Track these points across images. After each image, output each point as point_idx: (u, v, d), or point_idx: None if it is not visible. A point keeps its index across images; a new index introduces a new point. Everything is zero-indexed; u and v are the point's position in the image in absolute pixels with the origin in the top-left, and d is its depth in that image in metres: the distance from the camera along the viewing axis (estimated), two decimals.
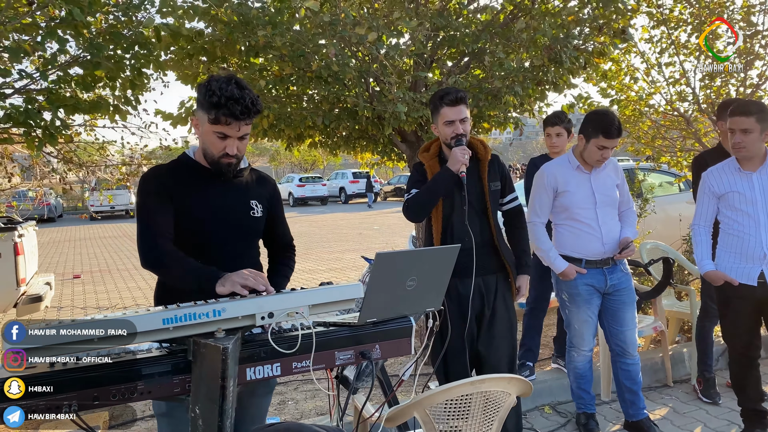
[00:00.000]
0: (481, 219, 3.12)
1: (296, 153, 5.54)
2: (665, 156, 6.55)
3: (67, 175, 4.72)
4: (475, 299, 3.10)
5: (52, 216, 25.22)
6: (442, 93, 3.08)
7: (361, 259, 11.44)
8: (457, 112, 3.03)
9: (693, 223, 3.49)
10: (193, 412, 1.71)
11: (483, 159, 3.16)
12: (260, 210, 2.27)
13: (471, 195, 3.07)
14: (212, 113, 2.02)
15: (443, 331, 2.95)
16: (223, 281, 1.92)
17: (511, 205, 3.28)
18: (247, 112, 2.02)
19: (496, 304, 3.14)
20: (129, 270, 11.43)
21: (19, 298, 5.73)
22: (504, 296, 3.17)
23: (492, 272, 3.15)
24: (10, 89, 3.52)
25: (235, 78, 2.05)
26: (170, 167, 2.21)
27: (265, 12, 4.02)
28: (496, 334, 3.14)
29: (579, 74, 4.40)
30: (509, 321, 3.18)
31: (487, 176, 3.12)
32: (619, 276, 3.47)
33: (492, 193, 3.13)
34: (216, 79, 2.04)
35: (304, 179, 32.09)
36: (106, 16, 3.84)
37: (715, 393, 4.05)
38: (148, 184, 2.15)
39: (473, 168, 3.12)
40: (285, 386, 4.38)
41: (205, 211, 2.15)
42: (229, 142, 2.07)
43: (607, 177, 3.45)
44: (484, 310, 3.14)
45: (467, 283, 3.07)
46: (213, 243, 2.15)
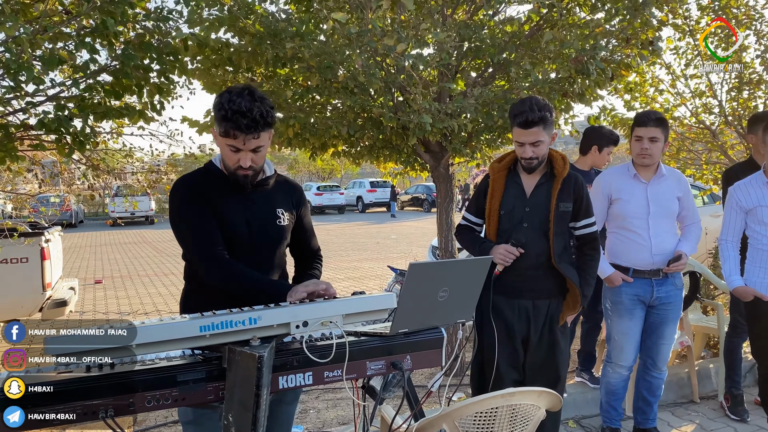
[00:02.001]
0: (540, 237, 2.86)
1: (319, 162, 5.57)
2: (690, 169, 6.47)
3: (94, 182, 4.78)
4: (521, 323, 2.91)
5: (74, 221, 25.56)
6: (516, 111, 2.78)
7: (380, 268, 11.47)
8: (529, 135, 2.76)
9: (720, 238, 3.45)
10: (226, 420, 1.71)
11: (558, 175, 2.87)
12: (286, 218, 2.26)
13: (534, 213, 2.87)
14: (222, 126, 2.00)
15: (489, 353, 2.88)
16: (291, 294, 1.94)
17: (584, 231, 2.98)
18: (254, 126, 1.98)
19: (544, 330, 2.92)
20: (149, 276, 11.53)
21: (45, 302, 5.81)
22: (553, 323, 2.93)
23: (545, 297, 2.91)
24: (42, 97, 3.58)
25: (249, 89, 2.01)
26: (200, 175, 2.21)
27: (292, 23, 4.06)
28: (539, 361, 2.94)
29: (606, 86, 4.37)
30: (555, 349, 2.95)
31: (557, 194, 2.84)
32: (667, 289, 3.37)
33: (559, 214, 2.85)
34: (229, 90, 2.01)
35: (321, 188, 32.19)
36: (135, 26, 3.91)
37: (743, 410, 3.98)
38: (187, 192, 2.14)
39: (545, 183, 2.89)
40: (307, 395, 4.38)
41: (233, 220, 2.15)
42: (241, 155, 2.05)
43: (666, 188, 3.36)
44: (530, 335, 2.92)
45: (514, 305, 2.90)
46: (240, 252, 2.15)
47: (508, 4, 4.56)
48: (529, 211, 2.88)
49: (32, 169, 4.54)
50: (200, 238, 2.09)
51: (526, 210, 2.88)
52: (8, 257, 5.53)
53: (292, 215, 2.30)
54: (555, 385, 2.92)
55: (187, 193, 2.14)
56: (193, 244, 2.10)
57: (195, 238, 2.10)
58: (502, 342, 2.88)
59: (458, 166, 5.34)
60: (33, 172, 4.60)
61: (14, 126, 3.61)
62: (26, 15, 3.74)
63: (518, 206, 2.90)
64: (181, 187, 2.16)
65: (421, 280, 1.90)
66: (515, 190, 2.93)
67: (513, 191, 2.93)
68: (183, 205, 2.13)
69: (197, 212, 2.10)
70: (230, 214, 2.15)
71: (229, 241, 2.14)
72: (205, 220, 2.09)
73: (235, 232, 2.15)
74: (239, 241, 2.16)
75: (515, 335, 2.91)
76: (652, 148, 3.24)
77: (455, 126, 3.97)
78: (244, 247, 2.16)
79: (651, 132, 3.23)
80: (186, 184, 2.17)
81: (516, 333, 2.91)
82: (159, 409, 1.71)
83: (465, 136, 4.39)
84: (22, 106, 3.61)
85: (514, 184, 2.94)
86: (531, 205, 2.89)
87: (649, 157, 3.27)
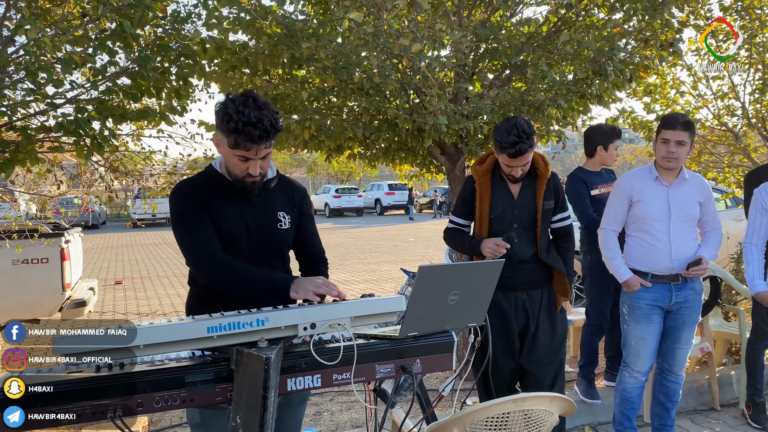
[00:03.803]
0: (528, 234, 3.08)
1: (335, 164, 5.58)
2: (712, 172, 6.36)
3: (113, 183, 4.83)
4: (519, 314, 3.08)
5: (95, 223, 25.92)
6: (505, 142, 2.87)
7: (396, 271, 11.44)
8: (520, 161, 2.94)
9: (744, 241, 3.38)
10: (234, 422, 1.71)
11: (542, 176, 3.09)
12: (288, 222, 2.25)
13: (522, 213, 3.07)
14: (231, 138, 1.98)
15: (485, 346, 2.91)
16: (296, 287, 1.94)
17: (560, 224, 3.22)
18: (266, 135, 1.98)
19: (540, 318, 3.11)
20: (169, 277, 11.64)
21: (65, 302, 5.88)
22: (549, 310, 3.13)
23: (538, 287, 3.12)
24: (61, 99, 3.63)
25: (252, 96, 1.99)
26: (200, 179, 2.20)
27: (309, 24, 4.06)
28: (540, 348, 3.10)
29: (624, 87, 4.31)
30: (554, 335, 3.14)
31: (543, 195, 3.06)
32: (686, 294, 3.29)
33: (544, 212, 3.08)
34: (233, 100, 1.98)
35: (340, 190, 32.30)
36: (154, 29, 3.94)
37: (765, 418, 3.89)
38: (185, 197, 2.14)
39: (529, 185, 3.08)
40: (321, 397, 4.38)
41: (235, 225, 2.14)
42: (251, 164, 2.04)
43: (688, 192, 3.27)
44: (528, 325, 3.11)
45: (510, 298, 3.06)
46: (242, 256, 2.14)
47: (526, 5, 4.53)
48: (517, 213, 3.08)
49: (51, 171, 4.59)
50: (193, 241, 2.09)
51: (515, 213, 3.08)
52: (29, 257, 5.61)
53: (294, 218, 2.29)
54: (557, 369, 3.14)
55: (184, 197, 2.13)
56: (188, 248, 2.10)
57: (188, 242, 2.10)
58: (497, 333, 3.01)
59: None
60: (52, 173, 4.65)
61: (34, 128, 3.65)
62: (47, 19, 3.80)
63: (507, 209, 3.08)
64: (178, 191, 2.16)
65: (431, 282, 1.88)
66: (503, 193, 3.11)
67: (500, 194, 3.11)
68: (179, 209, 2.13)
69: (195, 216, 2.10)
70: (229, 219, 2.13)
71: (229, 246, 2.13)
72: (200, 225, 2.09)
73: (234, 237, 2.14)
74: (239, 247, 2.14)
75: (512, 326, 3.09)
76: (678, 151, 3.17)
77: (471, 127, 3.94)
78: (244, 252, 2.15)
79: (678, 135, 3.14)
80: (184, 188, 2.17)
81: (513, 324, 3.09)
82: (167, 410, 1.71)
83: (481, 138, 4.35)
84: (41, 109, 3.66)
85: (500, 188, 3.11)
86: (519, 208, 3.08)
87: (674, 161, 3.19)
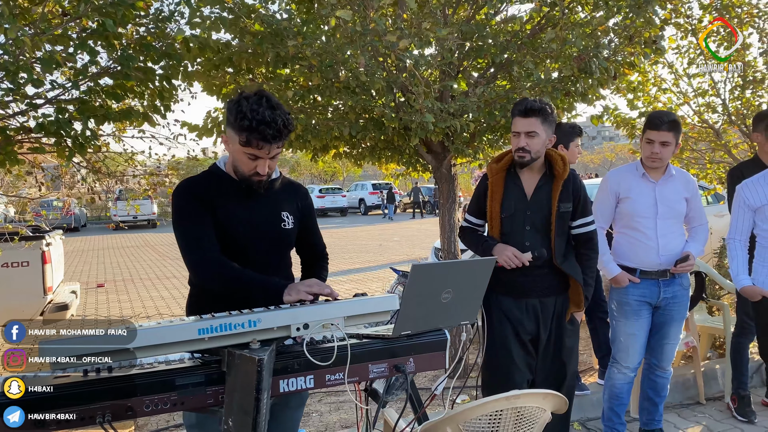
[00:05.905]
0: (543, 239, 2.87)
1: (320, 164, 5.55)
2: (694, 168, 6.43)
3: (95, 185, 4.75)
4: (530, 321, 2.92)
5: (77, 225, 25.56)
6: (518, 103, 2.84)
7: (383, 271, 11.43)
8: (526, 123, 2.77)
9: (728, 237, 3.41)
10: (226, 425, 1.68)
11: (559, 176, 2.87)
12: (291, 221, 2.24)
13: (536, 214, 2.87)
14: (243, 135, 1.98)
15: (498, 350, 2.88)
16: (290, 291, 1.91)
17: (581, 230, 2.97)
18: (279, 135, 1.99)
19: (552, 326, 2.95)
20: (152, 279, 11.51)
21: (46, 306, 5.78)
22: (561, 319, 2.96)
23: (551, 294, 2.93)
24: (42, 99, 3.56)
25: (266, 96, 2.00)
26: (204, 178, 2.20)
27: (293, 23, 4.03)
28: (550, 357, 2.96)
29: (609, 85, 4.33)
30: (564, 345, 2.97)
31: (558, 195, 2.85)
32: (674, 290, 3.34)
33: (560, 214, 2.86)
34: (247, 98, 1.99)
35: (324, 190, 32.24)
36: (137, 28, 3.88)
37: (750, 411, 3.94)
38: (186, 196, 2.12)
39: (545, 185, 2.89)
40: (309, 398, 4.34)
41: (238, 224, 2.13)
42: (260, 162, 2.04)
43: (674, 189, 3.31)
44: (539, 333, 2.93)
45: (522, 304, 2.91)
46: (244, 255, 2.13)
47: (510, 3, 4.53)
48: (530, 214, 2.88)
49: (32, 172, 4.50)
50: (191, 240, 2.07)
51: (527, 213, 2.88)
52: (9, 261, 5.50)
53: (297, 218, 2.28)
54: (567, 380, 2.97)
55: (187, 196, 2.12)
56: (186, 247, 2.09)
57: (186, 241, 2.09)
58: (513, 343, 2.89)
59: (461, 167, 5.31)
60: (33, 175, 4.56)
61: (13, 129, 3.58)
62: (26, 18, 3.72)
63: (520, 209, 2.88)
64: (181, 190, 2.15)
65: (424, 281, 1.87)
66: (515, 192, 2.91)
67: (513, 193, 2.91)
68: (181, 208, 2.12)
69: (194, 216, 2.08)
70: (233, 218, 2.12)
71: (232, 244, 2.12)
72: (200, 224, 2.08)
73: (238, 235, 2.13)
74: (242, 246, 2.14)
75: (525, 335, 2.91)
76: (662, 152, 3.20)
77: (457, 125, 3.94)
78: (247, 251, 2.14)
79: (663, 136, 3.17)
80: (187, 187, 2.15)
81: (526, 332, 2.91)
82: (158, 413, 1.68)
83: (467, 136, 4.35)
84: (21, 109, 3.58)
85: (513, 186, 2.92)
86: (532, 208, 2.88)
87: (659, 161, 3.23)
